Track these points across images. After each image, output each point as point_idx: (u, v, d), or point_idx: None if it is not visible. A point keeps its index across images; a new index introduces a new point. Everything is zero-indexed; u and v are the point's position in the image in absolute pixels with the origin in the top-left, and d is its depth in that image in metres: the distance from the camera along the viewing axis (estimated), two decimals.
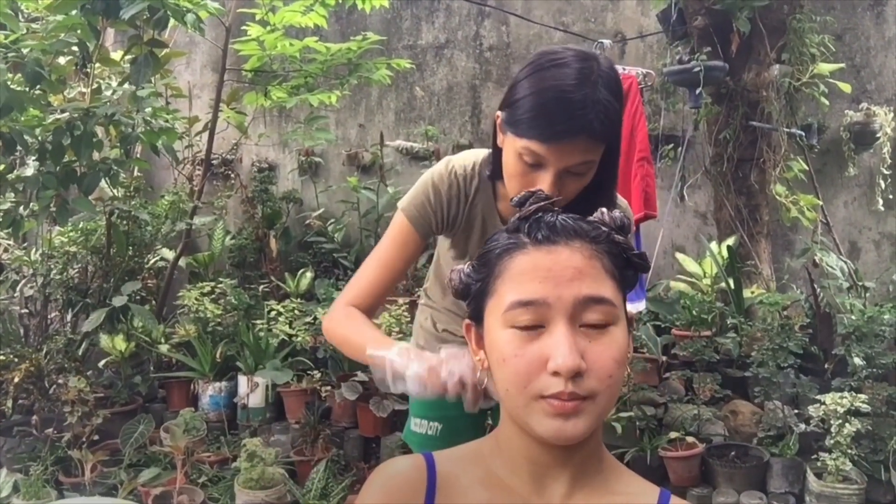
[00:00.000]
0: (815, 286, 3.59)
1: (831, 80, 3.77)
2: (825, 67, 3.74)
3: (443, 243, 1.66)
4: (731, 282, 3.66)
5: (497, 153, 1.38)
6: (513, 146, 1.29)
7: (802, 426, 3.16)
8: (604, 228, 0.90)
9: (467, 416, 1.56)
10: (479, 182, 1.51)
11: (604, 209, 0.95)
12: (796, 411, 3.26)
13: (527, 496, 0.92)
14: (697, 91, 3.66)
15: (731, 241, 3.76)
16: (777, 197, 3.89)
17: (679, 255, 4.02)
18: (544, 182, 1.26)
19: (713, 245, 3.86)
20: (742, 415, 3.39)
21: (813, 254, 3.81)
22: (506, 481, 0.92)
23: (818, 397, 3.02)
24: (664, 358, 3.59)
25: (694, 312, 3.62)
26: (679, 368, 3.55)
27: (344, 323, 1.49)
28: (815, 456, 2.99)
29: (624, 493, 0.92)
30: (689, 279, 3.89)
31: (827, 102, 3.78)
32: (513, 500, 0.92)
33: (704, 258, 3.89)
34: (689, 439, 3.19)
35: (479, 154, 1.53)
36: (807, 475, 2.97)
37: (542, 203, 0.91)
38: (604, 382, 0.84)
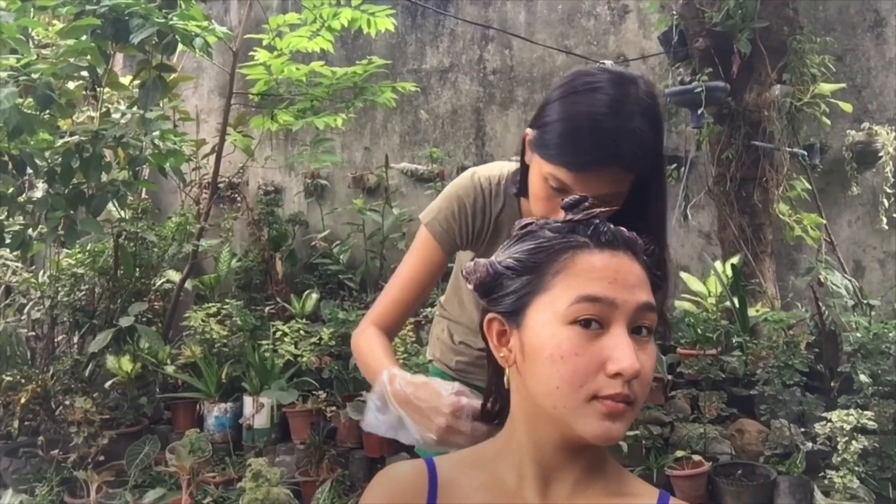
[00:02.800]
0: (821, 304, 3.59)
1: (833, 100, 3.79)
2: (826, 87, 3.76)
3: (463, 257, 1.63)
4: (735, 300, 3.66)
5: (525, 170, 1.34)
6: (539, 169, 1.25)
7: (809, 444, 3.14)
8: (644, 245, 0.94)
9: None
10: (504, 197, 1.47)
11: (622, 228, 0.98)
12: (803, 429, 3.24)
13: (530, 499, 0.93)
14: (699, 111, 3.69)
15: (735, 259, 3.77)
16: (780, 216, 3.90)
17: (683, 275, 4.02)
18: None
19: (717, 264, 3.87)
20: (748, 433, 3.37)
21: (817, 272, 3.81)
22: (509, 484, 0.93)
23: (824, 415, 3.01)
24: (669, 377, 3.58)
25: (699, 331, 3.62)
26: (685, 387, 3.54)
27: (361, 346, 1.48)
28: (822, 474, 2.97)
29: (625, 494, 0.94)
30: (693, 298, 3.90)
31: (828, 122, 3.81)
32: (516, 502, 0.93)
33: (709, 277, 3.90)
34: (696, 458, 3.17)
35: (505, 168, 1.49)
36: (814, 493, 2.95)
37: (599, 210, 0.93)
38: (644, 389, 0.87)
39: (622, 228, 0.93)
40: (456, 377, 1.70)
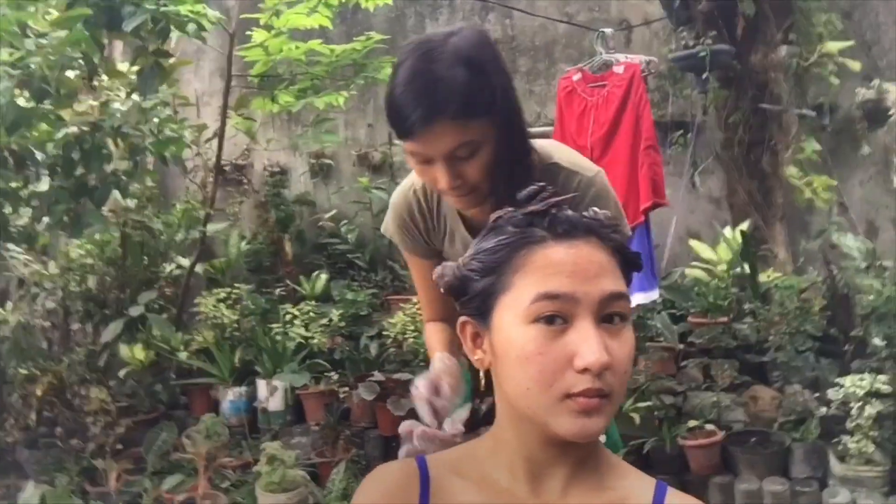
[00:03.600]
0: (832, 267, 3.54)
1: (841, 59, 3.71)
2: (834, 46, 3.68)
3: None
4: (746, 267, 3.62)
5: None
6: (403, 149, 1.30)
7: (823, 409, 3.13)
8: (609, 227, 0.90)
9: None
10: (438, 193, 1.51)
11: (595, 208, 0.95)
12: (817, 395, 3.23)
13: (523, 496, 0.91)
14: (704, 76, 3.62)
15: (744, 225, 3.73)
16: (790, 179, 3.84)
17: (693, 242, 3.98)
18: (440, 175, 1.25)
19: (727, 230, 3.82)
20: (762, 400, 3.36)
21: (829, 235, 3.75)
22: (501, 482, 0.92)
23: (838, 380, 2.99)
24: (681, 346, 3.56)
25: (710, 299, 3.59)
26: (696, 356, 3.53)
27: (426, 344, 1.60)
28: (836, 439, 2.95)
29: (620, 487, 0.92)
30: (704, 266, 3.86)
31: (837, 81, 3.73)
32: (509, 500, 0.92)
33: (719, 244, 3.85)
34: (709, 427, 3.17)
35: None
36: (829, 459, 2.95)
37: (559, 199, 0.90)
38: (620, 378, 0.84)
39: (584, 214, 0.89)
40: None
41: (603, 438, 1.68)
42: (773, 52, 3.72)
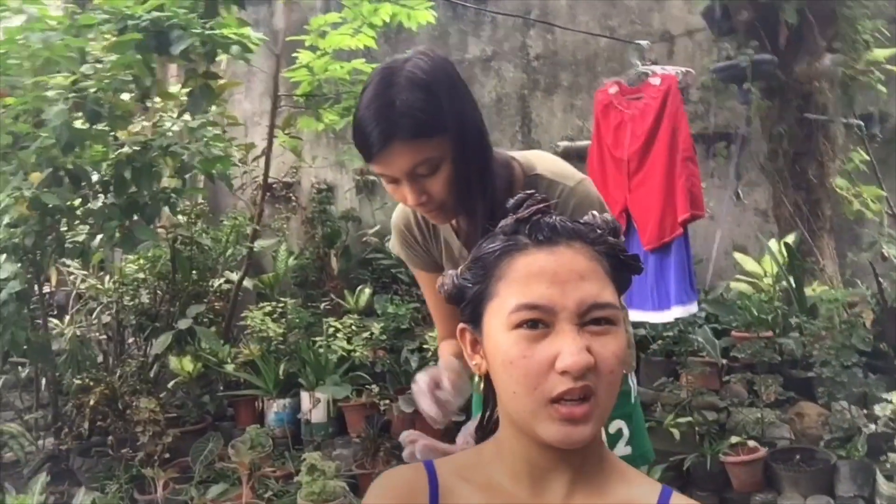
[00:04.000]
0: (881, 280, 3.45)
1: (889, 67, 3.62)
2: (880, 54, 3.60)
3: None
4: (791, 280, 3.55)
5: None
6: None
7: (871, 426, 3.04)
8: (599, 231, 0.91)
9: None
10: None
11: (594, 212, 0.96)
12: (865, 411, 3.13)
13: (526, 500, 0.92)
14: (746, 86, 3.57)
15: (790, 238, 3.65)
16: (838, 190, 3.75)
17: (738, 255, 3.92)
18: (406, 193, 1.31)
19: (772, 243, 3.75)
20: (808, 417, 3.27)
21: (880, 247, 3.65)
22: (506, 487, 0.93)
23: (886, 395, 2.90)
24: (724, 361, 3.50)
25: (753, 313, 3.52)
26: (740, 371, 3.46)
27: None
28: (884, 457, 2.86)
29: (624, 491, 0.92)
30: (749, 279, 3.79)
31: (885, 90, 3.64)
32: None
33: (764, 257, 3.78)
34: (751, 443, 3.10)
35: None
36: (877, 477, 2.85)
37: (540, 205, 0.92)
38: (606, 379, 0.85)
39: (566, 219, 0.90)
40: None
41: (628, 451, 1.67)
42: (818, 60, 3.65)
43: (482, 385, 0.99)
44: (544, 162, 1.45)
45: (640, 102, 3.11)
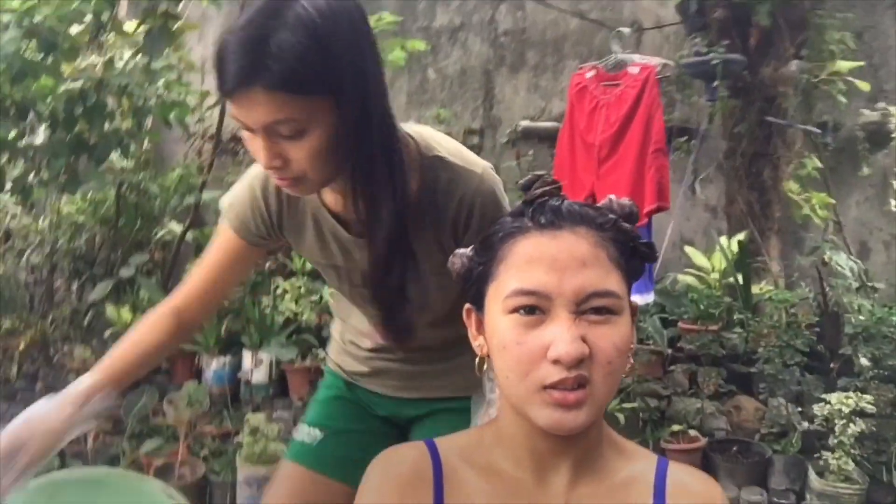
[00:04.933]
0: (825, 285, 3.57)
1: (849, 79, 3.73)
2: (844, 65, 3.70)
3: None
4: (739, 277, 3.65)
5: None
6: None
7: (806, 424, 3.16)
8: (611, 215, 0.89)
9: (358, 431, 1.56)
10: None
11: (612, 196, 0.94)
12: (800, 409, 3.25)
13: (530, 486, 0.91)
14: (714, 84, 3.62)
15: (741, 236, 3.75)
16: (789, 194, 3.86)
17: (688, 249, 4.00)
18: (259, 148, 1.09)
19: (723, 239, 3.84)
20: (745, 410, 3.38)
21: (823, 252, 3.78)
22: (508, 472, 0.92)
23: (823, 396, 3.01)
24: (669, 350, 3.58)
25: (701, 306, 3.61)
26: (684, 362, 3.55)
27: (135, 327, 1.39)
28: (817, 454, 2.98)
29: (625, 468, 0.92)
30: (697, 273, 3.88)
31: (845, 100, 3.75)
32: (516, 489, 0.92)
33: (713, 252, 3.87)
34: (692, 433, 3.19)
35: None
36: (808, 473, 2.97)
37: (549, 187, 0.90)
38: (603, 369, 0.83)
39: (574, 203, 0.89)
40: (348, 380, 1.59)
41: None
42: (784, 66, 3.73)
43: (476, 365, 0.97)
44: (442, 141, 1.27)
45: (616, 89, 3.12)
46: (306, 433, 1.56)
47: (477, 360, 0.95)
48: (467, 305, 0.95)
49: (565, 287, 0.83)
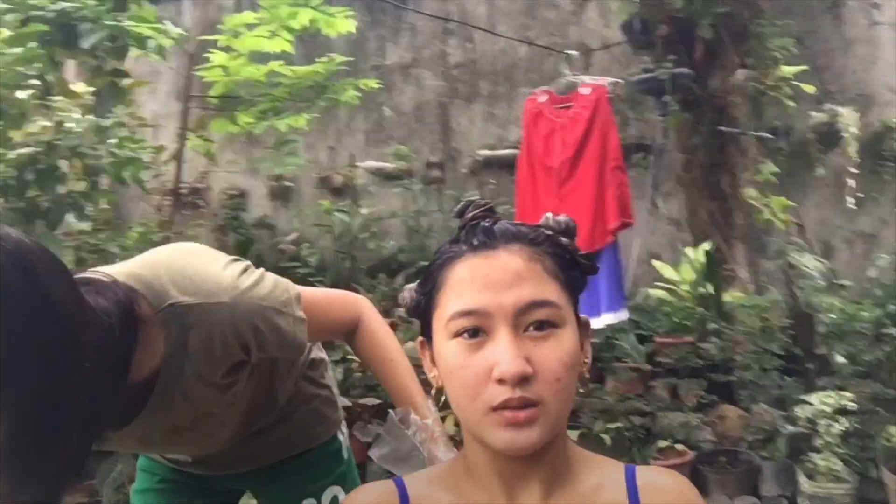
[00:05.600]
0: (794, 287, 3.61)
1: (795, 83, 3.81)
2: (788, 70, 3.78)
3: None
4: (710, 287, 3.67)
5: None
6: None
7: (790, 428, 3.16)
8: (546, 231, 0.89)
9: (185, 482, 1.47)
10: None
11: (549, 214, 0.93)
12: (783, 413, 3.26)
13: None
14: (664, 99, 3.68)
15: (707, 245, 3.78)
16: (749, 200, 3.91)
17: (656, 263, 4.02)
18: None
19: (689, 251, 3.87)
20: (729, 419, 3.37)
21: (787, 255, 3.83)
22: (479, 499, 0.90)
23: (804, 398, 3.02)
24: (648, 366, 3.57)
25: (675, 319, 3.61)
26: (664, 376, 3.54)
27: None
28: (804, 457, 2.98)
29: (594, 478, 0.91)
30: (667, 286, 3.90)
31: (793, 104, 3.82)
32: None
33: (681, 264, 3.89)
34: (679, 447, 3.17)
35: None
36: (798, 477, 2.97)
37: (480, 210, 0.90)
38: (552, 387, 0.82)
39: (506, 222, 0.89)
40: (169, 465, 1.45)
41: None
42: (731, 75, 3.80)
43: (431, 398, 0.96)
44: (173, 273, 1.07)
45: (570, 111, 3.14)
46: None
47: (433, 391, 0.93)
48: (420, 338, 0.94)
49: (502, 301, 0.82)
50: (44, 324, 0.82)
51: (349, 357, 3.88)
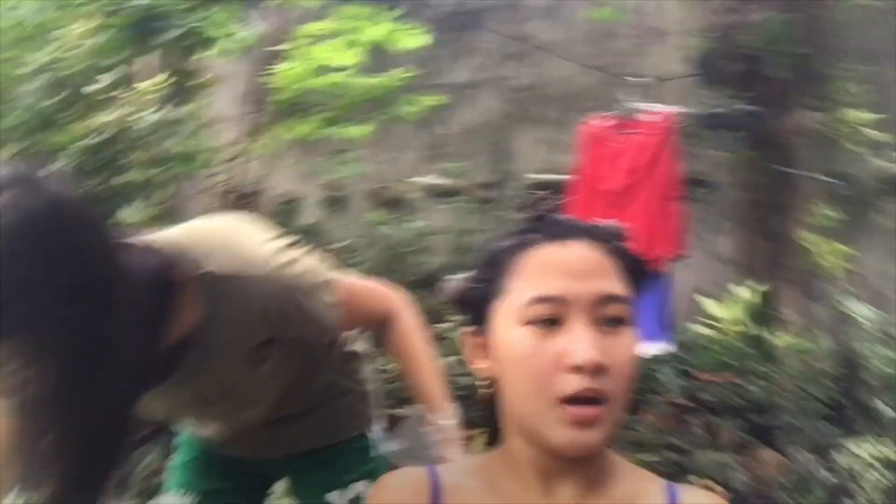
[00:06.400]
0: (843, 335, 3.53)
1: (866, 130, 3.75)
2: (862, 116, 3.72)
3: None
4: (758, 327, 3.61)
5: None
6: None
7: (829, 476, 3.08)
8: (614, 231, 0.91)
9: (230, 489, 1.51)
10: None
11: (596, 220, 0.95)
12: (822, 462, 3.17)
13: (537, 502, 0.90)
14: (731, 135, 3.64)
15: (763, 286, 3.72)
16: (804, 243, 3.85)
17: (702, 299, 3.97)
18: None
19: (740, 290, 3.81)
20: (766, 463, 3.30)
21: (840, 302, 3.75)
22: (515, 492, 0.90)
23: (845, 444, 2.95)
24: (686, 402, 3.52)
25: (718, 356, 3.56)
26: (702, 414, 3.49)
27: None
28: None
29: (633, 490, 0.90)
30: (711, 322, 3.84)
31: (860, 151, 3.76)
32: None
33: (729, 302, 3.84)
34: (713, 486, 3.10)
35: None
36: None
37: (551, 204, 0.92)
38: (620, 384, 0.83)
39: (577, 219, 0.92)
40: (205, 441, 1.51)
41: None
42: (800, 116, 3.75)
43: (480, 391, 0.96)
44: (211, 246, 1.11)
45: (636, 137, 3.14)
46: (178, 501, 1.50)
47: (481, 383, 0.93)
48: (464, 329, 0.94)
49: (581, 290, 0.83)
50: (79, 271, 0.88)
51: (387, 369, 3.90)
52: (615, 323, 0.84)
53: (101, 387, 0.92)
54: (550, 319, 0.83)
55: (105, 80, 3.67)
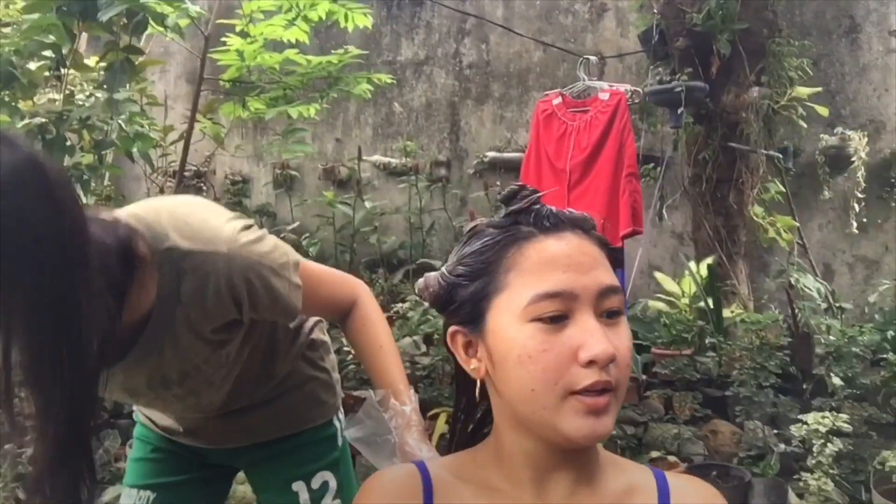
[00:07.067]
0: (794, 307, 3.61)
1: (808, 104, 3.82)
2: (803, 91, 3.79)
3: None
4: (710, 301, 3.67)
5: None
6: None
7: (783, 446, 3.15)
8: (594, 221, 0.89)
9: (190, 481, 1.48)
10: None
11: (571, 209, 0.93)
12: (776, 431, 3.25)
13: (528, 501, 0.88)
14: (679, 111, 3.68)
15: (710, 260, 3.78)
16: (755, 218, 3.92)
17: (657, 275, 4.02)
18: None
19: (692, 264, 3.87)
20: (722, 434, 3.37)
21: (789, 275, 3.83)
22: (506, 489, 0.89)
23: (800, 417, 3.02)
24: (644, 377, 3.57)
25: (674, 331, 3.61)
26: (659, 387, 3.54)
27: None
28: (796, 476, 2.97)
29: (623, 480, 0.90)
30: (667, 298, 3.90)
31: (805, 125, 3.83)
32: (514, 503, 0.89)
33: (683, 277, 3.90)
34: (671, 458, 3.16)
35: None
36: (788, 495, 2.96)
37: (535, 195, 0.88)
38: (624, 373, 0.83)
39: (568, 209, 0.87)
40: (163, 434, 1.48)
41: None
42: (745, 92, 3.80)
43: (476, 390, 0.93)
44: (175, 221, 1.08)
45: (586, 115, 3.14)
46: (135, 498, 1.47)
47: (477, 386, 0.90)
48: (452, 329, 0.89)
49: (587, 283, 0.81)
50: (58, 226, 0.86)
51: (345, 349, 3.87)
52: (615, 314, 0.83)
53: (75, 347, 0.90)
54: (559, 316, 0.80)
55: (45, 59, 3.53)
